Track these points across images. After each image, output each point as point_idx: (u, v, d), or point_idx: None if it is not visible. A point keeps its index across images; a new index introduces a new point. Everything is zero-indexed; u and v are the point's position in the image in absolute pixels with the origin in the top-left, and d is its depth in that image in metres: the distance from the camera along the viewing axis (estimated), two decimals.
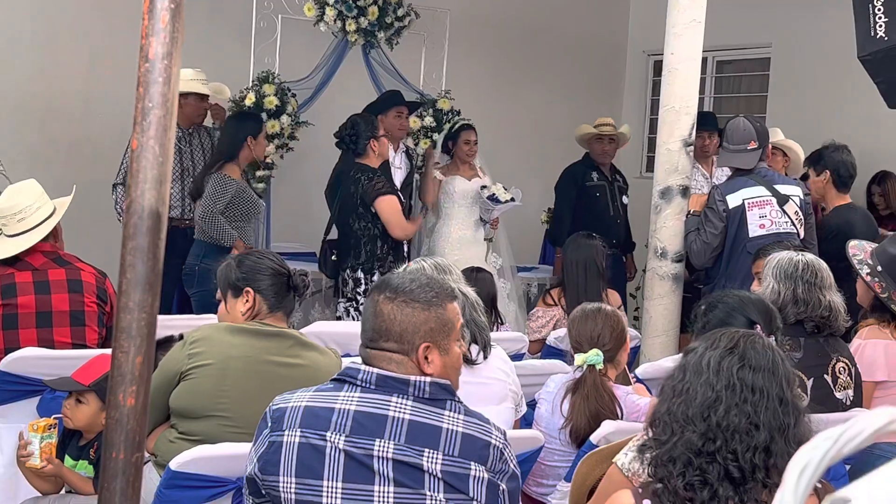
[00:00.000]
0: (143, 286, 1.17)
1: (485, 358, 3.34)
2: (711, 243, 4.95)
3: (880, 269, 3.73)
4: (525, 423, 3.58)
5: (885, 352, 3.74)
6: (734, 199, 4.95)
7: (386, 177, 5.49)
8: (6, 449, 3.31)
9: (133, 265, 1.16)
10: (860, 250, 3.83)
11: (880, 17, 4.52)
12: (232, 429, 2.82)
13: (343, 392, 2.11)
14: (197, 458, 2.55)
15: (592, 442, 2.95)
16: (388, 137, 5.62)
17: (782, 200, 4.94)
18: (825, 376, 3.43)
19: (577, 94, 8.77)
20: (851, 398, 3.48)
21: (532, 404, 3.62)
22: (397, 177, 6.16)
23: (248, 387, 2.85)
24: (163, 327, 1.72)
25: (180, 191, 5.81)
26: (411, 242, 6.11)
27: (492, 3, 8.28)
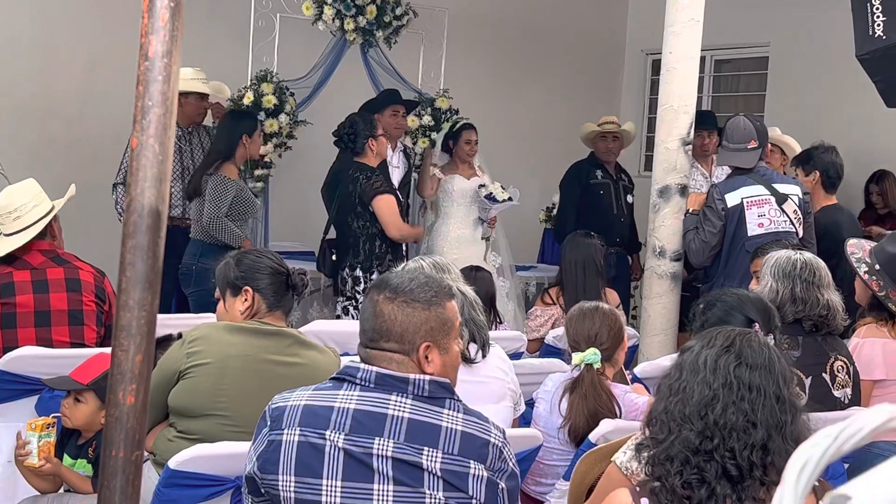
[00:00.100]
0: (143, 284, 1.17)
1: (483, 357, 3.33)
2: (710, 242, 4.95)
3: (878, 267, 3.73)
4: (523, 421, 3.58)
5: (883, 350, 3.74)
6: (733, 197, 4.95)
7: (384, 176, 5.49)
8: (4, 448, 3.31)
9: (133, 263, 1.17)
10: (859, 249, 3.83)
11: (878, 17, 4.52)
12: (231, 428, 2.82)
13: (342, 391, 2.10)
14: (196, 457, 2.55)
15: (591, 441, 2.94)
16: (385, 136, 5.62)
17: (781, 199, 4.94)
18: (823, 375, 3.43)
19: (576, 93, 8.78)
20: (850, 397, 3.48)
21: (530, 403, 3.62)
22: (395, 176, 6.16)
23: (246, 386, 2.85)
24: (161, 326, 1.72)
25: (181, 190, 5.78)
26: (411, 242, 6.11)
27: (490, 2, 8.27)
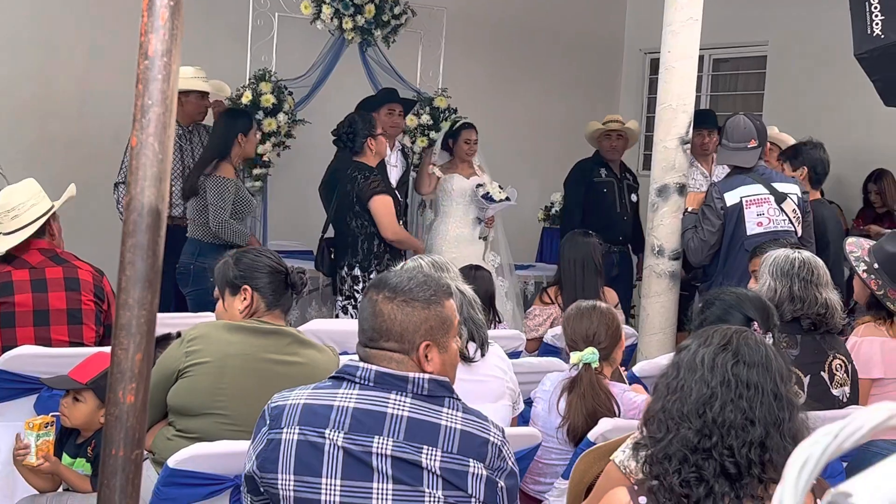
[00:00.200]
0: (143, 283, 1.17)
1: (482, 356, 3.33)
2: (709, 241, 4.95)
3: (877, 266, 3.73)
4: (522, 420, 3.58)
5: (882, 349, 3.75)
6: (732, 196, 4.95)
7: (382, 176, 5.48)
8: (3, 447, 3.30)
9: (133, 262, 1.17)
10: (857, 247, 3.83)
11: (877, 16, 4.53)
12: (230, 426, 2.82)
13: (342, 389, 2.10)
14: (195, 456, 2.55)
15: (590, 439, 2.94)
16: (384, 136, 5.61)
17: (780, 198, 4.94)
18: (822, 373, 3.44)
19: (574, 92, 8.78)
20: (848, 395, 3.49)
21: (529, 402, 3.61)
22: (393, 175, 6.15)
23: (245, 384, 2.85)
24: (160, 325, 1.71)
25: (182, 189, 5.78)
26: None
27: (488, 2, 8.28)
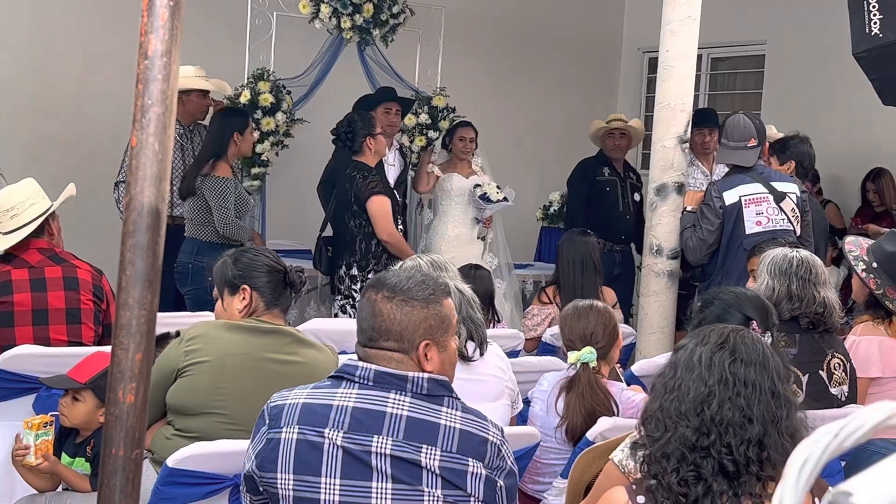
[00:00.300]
0: (143, 283, 1.17)
1: (481, 355, 3.33)
2: (707, 240, 4.95)
3: (876, 265, 3.73)
4: (521, 419, 3.58)
5: (880, 348, 3.75)
6: (731, 195, 4.94)
7: (381, 176, 5.47)
8: (2, 447, 3.30)
9: (133, 262, 1.17)
10: (856, 246, 3.83)
11: (875, 14, 4.53)
12: (229, 426, 2.82)
13: (341, 389, 2.10)
14: (194, 455, 2.55)
15: (589, 438, 2.94)
16: (383, 135, 5.60)
17: (779, 197, 4.94)
18: (820, 372, 3.44)
19: (573, 91, 8.78)
20: (846, 394, 3.49)
21: (528, 401, 3.61)
22: (390, 174, 6.14)
23: (245, 384, 2.85)
24: (159, 324, 1.71)
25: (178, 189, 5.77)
26: (407, 239, 6.10)
27: (487, 1, 8.27)
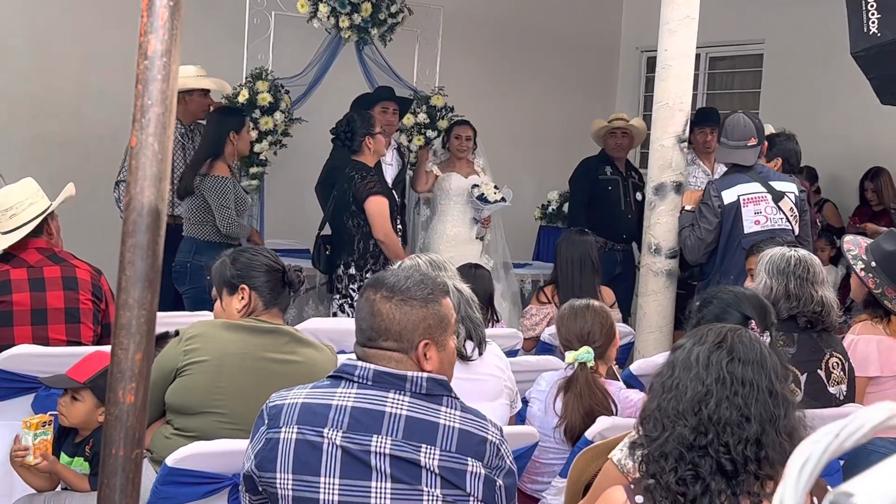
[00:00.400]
0: (143, 283, 1.17)
1: (480, 354, 3.33)
2: (706, 239, 4.95)
3: (874, 264, 3.74)
4: (520, 419, 3.58)
5: (878, 347, 3.75)
6: (729, 195, 4.95)
7: (379, 177, 5.47)
8: (1, 447, 3.30)
9: (132, 262, 1.17)
10: (855, 245, 3.84)
11: (873, 14, 4.53)
12: (228, 425, 2.82)
13: (340, 388, 2.10)
14: (193, 455, 2.55)
15: (588, 438, 2.94)
16: (382, 134, 5.60)
17: (777, 197, 4.94)
18: (818, 371, 3.44)
19: (571, 91, 8.78)
20: (845, 393, 3.49)
21: (526, 401, 3.61)
22: (388, 173, 6.14)
23: (243, 383, 2.85)
24: (158, 324, 1.71)
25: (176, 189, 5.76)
26: (406, 239, 6.10)
27: (486, 0, 8.27)
